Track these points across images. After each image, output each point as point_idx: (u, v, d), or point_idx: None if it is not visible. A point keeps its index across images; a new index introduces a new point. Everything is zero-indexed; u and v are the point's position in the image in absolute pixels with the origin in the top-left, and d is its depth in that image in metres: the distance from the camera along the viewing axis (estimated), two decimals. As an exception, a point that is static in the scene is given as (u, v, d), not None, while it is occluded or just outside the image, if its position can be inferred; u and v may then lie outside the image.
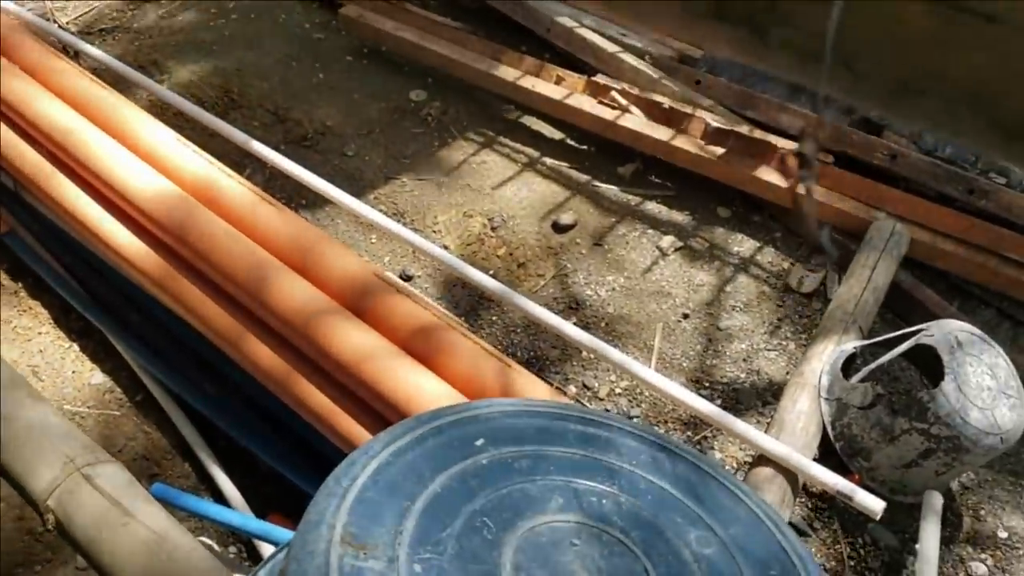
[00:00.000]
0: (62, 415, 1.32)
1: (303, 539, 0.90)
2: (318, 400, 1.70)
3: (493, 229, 2.44)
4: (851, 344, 1.96)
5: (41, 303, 2.17)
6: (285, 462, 1.78)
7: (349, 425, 1.68)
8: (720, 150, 2.47)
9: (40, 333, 2.10)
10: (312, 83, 2.89)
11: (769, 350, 2.16)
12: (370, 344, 1.66)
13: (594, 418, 1.13)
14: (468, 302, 2.28)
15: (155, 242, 1.97)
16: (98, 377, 2.01)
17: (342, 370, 1.66)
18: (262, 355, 1.76)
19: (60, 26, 3.02)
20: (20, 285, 2.21)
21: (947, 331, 1.80)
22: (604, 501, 1.01)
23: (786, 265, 2.36)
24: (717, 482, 1.09)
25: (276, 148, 2.40)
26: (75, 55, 2.77)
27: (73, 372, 2.02)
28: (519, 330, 2.21)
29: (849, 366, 1.95)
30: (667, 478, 1.07)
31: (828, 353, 1.96)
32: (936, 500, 1.75)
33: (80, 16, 3.16)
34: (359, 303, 1.77)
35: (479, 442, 1.04)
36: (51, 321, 2.13)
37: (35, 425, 1.26)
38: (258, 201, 1.96)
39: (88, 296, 2.11)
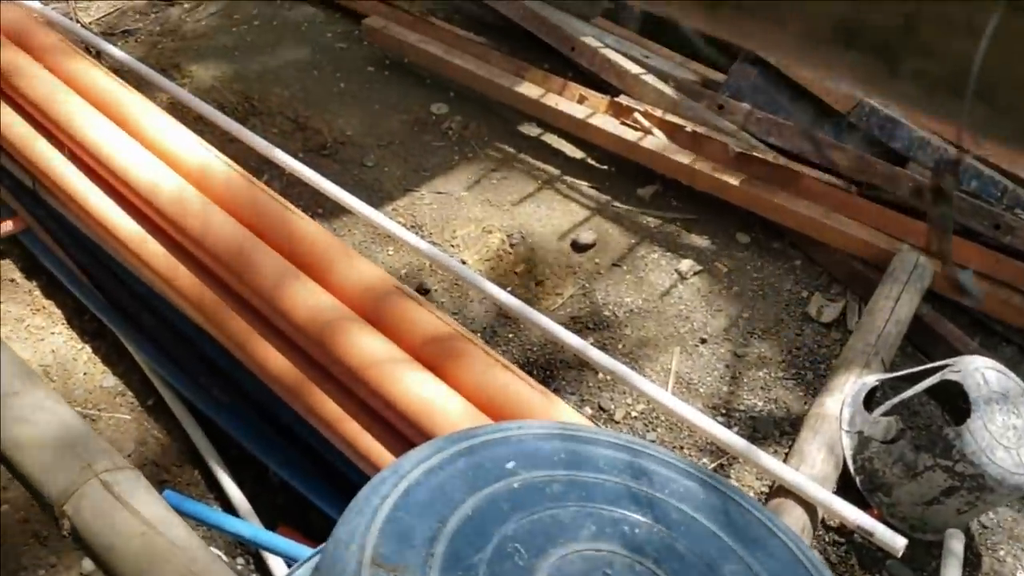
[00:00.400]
0: (80, 418, 1.29)
1: (332, 558, 0.88)
2: (330, 409, 1.68)
3: (512, 246, 2.42)
4: (873, 377, 1.94)
5: (55, 302, 2.15)
6: (296, 473, 1.76)
7: (359, 433, 1.65)
8: (742, 175, 2.45)
9: (53, 333, 2.08)
10: (333, 92, 2.88)
11: (787, 379, 2.14)
12: (385, 354, 1.64)
13: (626, 444, 1.10)
14: (485, 318, 2.26)
15: (171, 243, 1.96)
16: (110, 380, 1.99)
17: (356, 379, 1.63)
18: (274, 360, 1.74)
19: (83, 25, 3.02)
20: (34, 284, 2.20)
21: (973, 368, 1.78)
22: (637, 531, 0.99)
23: (805, 294, 2.34)
24: (751, 515, 1.06)
25: (295, 156, 2.39)
26: (97, 55, 2.76)
27: (85, 374, 2.00)
28: (535, 348, 2.19)
29: (871, 399, 1.92)
30: (701, 509, 1.05)
31: (850, 385, 1.93)
32: (957, 539, 1.73)
33: (103, 16, 3.16)
34: (375, 312, 1.75)
35: (510, 465, 1.02)
36: (64, 321, 2.11)
37: (53, 428, 1.23)
38: (277, 206, 1.95)
39: (102, 297, 2.09)
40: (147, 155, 2.03)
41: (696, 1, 0.42)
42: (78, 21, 3.05)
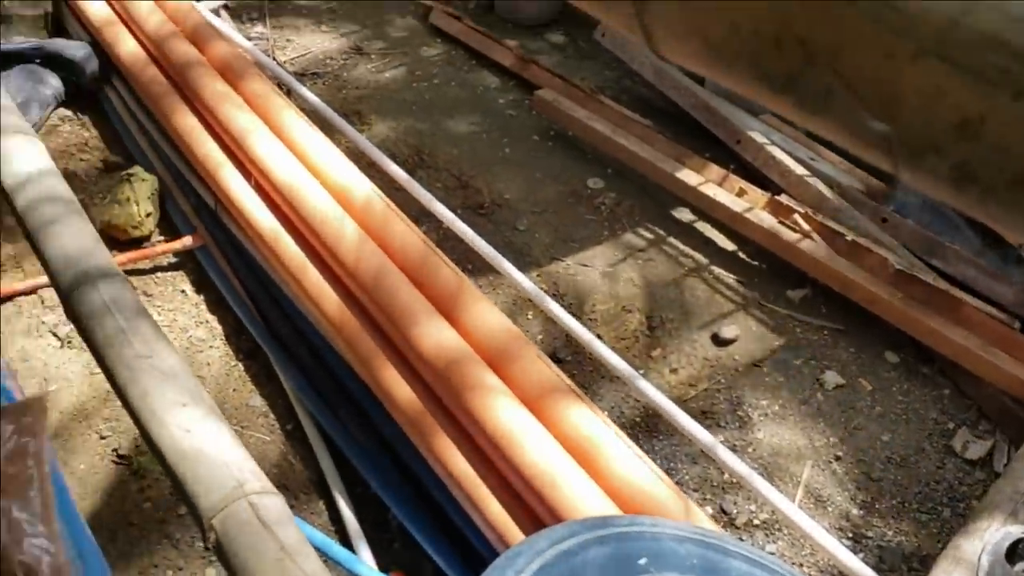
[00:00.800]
0: (238, 439, 1.37)
1: (463, 624, 0.90)
2: (446, 445, 1.73)
3: (651, 329, 2.43)
4: (1019, 527, 1.83)
5: (217, 318, 2.29)
6: (415, 521, 1.80)
7: (473, 484, 1.68)
8: (898, 293, 2.38)
9: (211, 347, 2.22)
10: (497, 156, 2.99)
11: (922, 512, 2.04)
12: (509, 406, 1.67)
13: (762, 562, 1.09)
14: (613, 397, 2.27)
15: (330, 273, 2.06)
16: (257, 400, 2.10)
17: (473, 421, 1.68)
18: (401, 391, 1.81)
19: (279, 64, 3.25)
20: (202, 298, 2.35)
21: None
22: (764, 653, 0.97)
23: (951, 426, 2.24)
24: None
25: (454, 211, 2.48)
26: (288, 92, 2.96)
27: (234, 390, 2.12)
28: (661, 437, 2.17)
29: (1013, 551, 1.81)
30: (831, 643, 1.02)
31: (991, 532, 1.83)
32: None
33: (297, 57, 3.39)
34: (504, 363, 1.79)
35: (642, 561, 1.02)
36: (223, 337, 2.25)
37: (211, 443, 1.31)
38: (427, 251, 2.03)
39: (261, 320, 2.22)
40: (325, 194, 2.16)
41: (944, 180, 0.44)
42: (275, 59, 3.28)
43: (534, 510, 1.60)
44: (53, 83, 2.86)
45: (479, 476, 1.70)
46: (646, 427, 2.19)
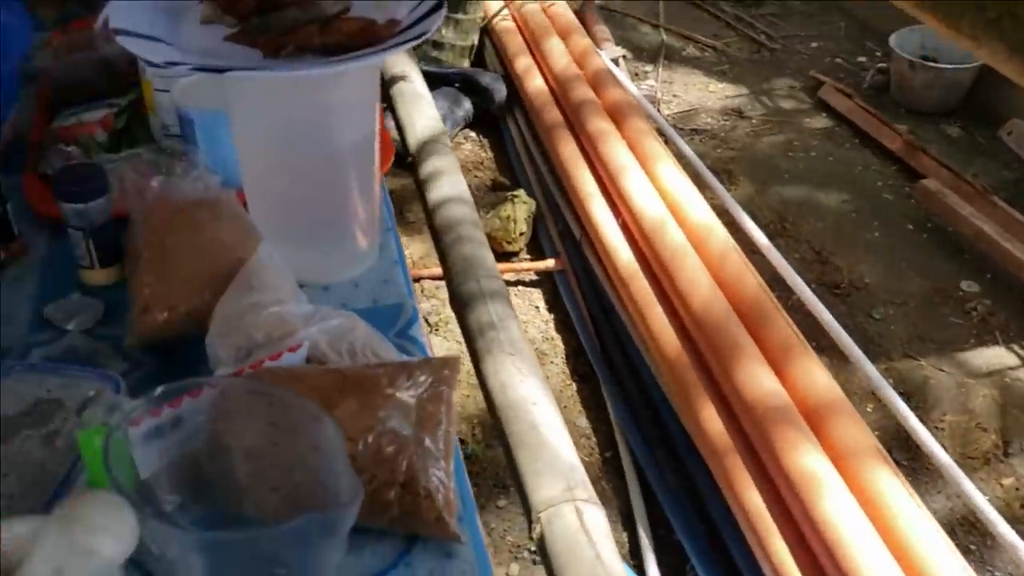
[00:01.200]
0: (572, 445, 1.45)
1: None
2: (746, 489, 1.72)
3: (1006, 454, 2.20)
4: None
5: (561, 338, 2.45)
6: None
7: (769, 532, 1.65)
8: None
9: (552, 362, 2.38)
10: (864, 238, 2.88)
11: None
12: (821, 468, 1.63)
13: None
14: (948, 515, 2.09)
15: (673, 314, 2.12)
16: (582, 420, 2.22)
17: (782, 474, 1.65)
18: (712, 425, 1.83)
19: (662, 115, 3.40)
20: (552, 316, 2.53)
21: None
22: None
23: None
24: None
25: (808, 285, 2.43)
26: (665, 141, 3.09)
27: (564, 407, 2.25)
28: (997, 572, 1.96)
29: None
30: None
31: None
32: None
33: (680, 112, 3.53)
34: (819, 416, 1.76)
35: None
36: (563, 356, 2.40)
37: (553, 442, 1.41)
38: (772, 308, 2.03)
39: (599, 348, 2.34)
40: (684, 237, 2.22)
41: None
42: (659, 111, 3.44)
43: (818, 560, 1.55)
44: (466, 106, 3.24)
45: (773, 521, 1.67)
46: (979, 556, 1.99)
